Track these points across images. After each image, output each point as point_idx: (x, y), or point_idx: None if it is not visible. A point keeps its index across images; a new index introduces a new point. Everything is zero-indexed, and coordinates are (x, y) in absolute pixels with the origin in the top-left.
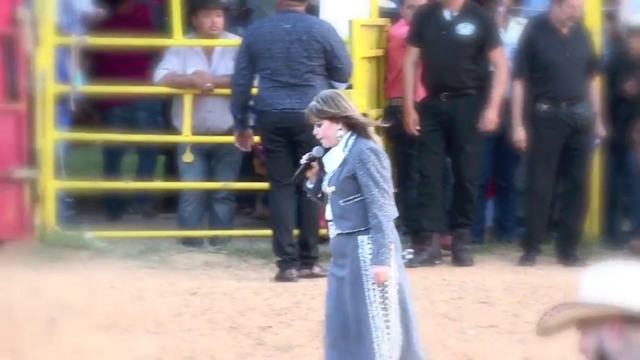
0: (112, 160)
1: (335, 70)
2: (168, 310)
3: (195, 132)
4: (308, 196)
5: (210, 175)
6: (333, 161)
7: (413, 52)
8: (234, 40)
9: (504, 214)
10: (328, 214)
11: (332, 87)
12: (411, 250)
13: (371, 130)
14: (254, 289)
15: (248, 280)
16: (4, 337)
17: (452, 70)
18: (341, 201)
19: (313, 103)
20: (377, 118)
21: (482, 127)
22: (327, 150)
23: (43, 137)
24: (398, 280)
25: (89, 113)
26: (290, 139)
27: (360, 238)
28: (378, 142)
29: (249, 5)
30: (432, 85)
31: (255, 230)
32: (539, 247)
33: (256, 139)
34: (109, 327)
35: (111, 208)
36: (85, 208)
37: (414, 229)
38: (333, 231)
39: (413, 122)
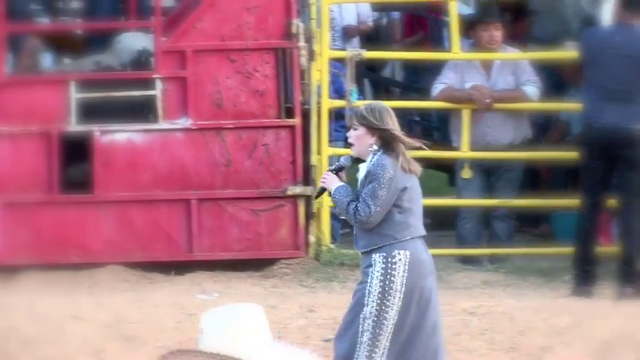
0: None
1: None
2: (446, 330)
3: (474, 147)
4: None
5: (489, 192)
6: (361, 176)
7: None
8: (513, 54)
9: None
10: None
11: None
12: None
13: (402, 148)
14: (534, 308)
15: (528, 299)
16: None
17: None
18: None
19: (361, 107)
20: None
21: None
22: (356, 161)
23: (317, 153)
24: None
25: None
26: (611, 155)
27: (373, 256)
28: (407, 163)
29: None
30: None
31: (536, 248)
32: None
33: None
34: None
35: None
36: None
37: None
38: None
39: None
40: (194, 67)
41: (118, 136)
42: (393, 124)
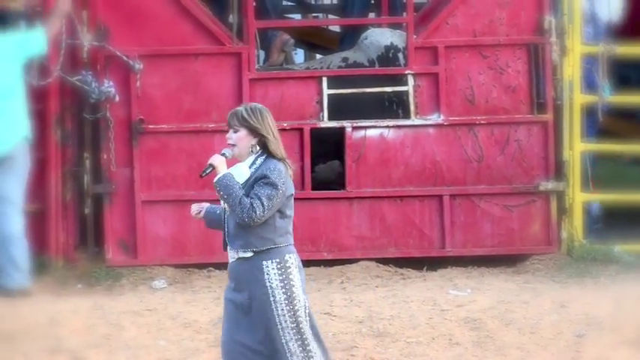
0: None
1: None
2: None
3: None
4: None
5: None
6: (238, 176)
7: None
8: None
9: None
10: (226, 231)
11: None
12: None
13: (281, 153)
14: None
15: None
16: (530, 352)
17: None
18: (237, 219)
19: (240, 108)
20: None
21: None
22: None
23: (569, 149)
24: (305, 303)
25: None
26: None
27: (264, 263)
28: (286, 166)
29: None
30: None
31: None
32: None
33: None
34: (637, 342)
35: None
36: (613, 221)
37: None
38: (230, 252)
39: None
40: (446, 62)
41: (369, 132)
42: (272, 129)
